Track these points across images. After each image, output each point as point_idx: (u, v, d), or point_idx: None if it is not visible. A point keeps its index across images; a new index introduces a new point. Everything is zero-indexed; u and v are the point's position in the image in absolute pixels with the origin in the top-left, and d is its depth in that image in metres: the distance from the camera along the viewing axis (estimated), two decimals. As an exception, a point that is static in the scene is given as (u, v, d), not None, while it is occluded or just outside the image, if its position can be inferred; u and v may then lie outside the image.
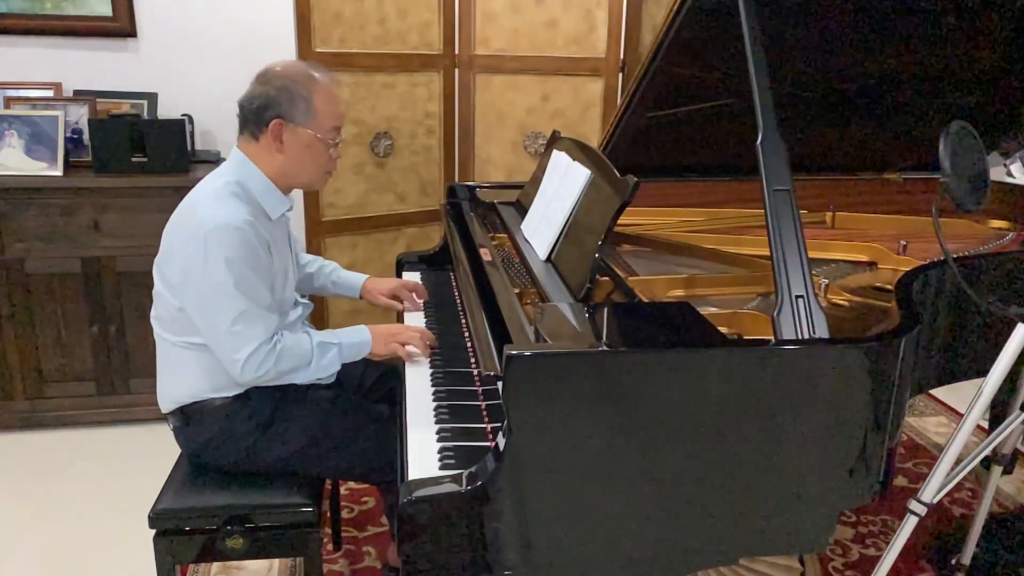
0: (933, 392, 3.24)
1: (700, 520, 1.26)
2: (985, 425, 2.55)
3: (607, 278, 1.63)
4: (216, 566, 2.18)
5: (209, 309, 1.59)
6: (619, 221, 1.55)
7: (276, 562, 2.19)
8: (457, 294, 2.15)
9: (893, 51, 2.00)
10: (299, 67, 1.69)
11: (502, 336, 1.35)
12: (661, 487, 1.23)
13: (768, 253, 1.36)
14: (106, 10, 2.95)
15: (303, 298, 1.93)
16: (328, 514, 2.16)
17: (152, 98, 3.03)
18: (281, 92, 1.63)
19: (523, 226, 1.99)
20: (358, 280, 2.12)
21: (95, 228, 2.74)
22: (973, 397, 1.46)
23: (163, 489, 1.69)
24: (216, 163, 2.70)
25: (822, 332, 1.29)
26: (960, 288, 1.62)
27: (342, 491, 2.40)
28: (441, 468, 1.32)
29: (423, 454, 1.37)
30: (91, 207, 2.72)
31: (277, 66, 1.68)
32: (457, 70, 3.39)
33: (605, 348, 1.23)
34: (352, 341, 1.74)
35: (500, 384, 1.21)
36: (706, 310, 1.45)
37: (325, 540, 2.18)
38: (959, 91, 2.19)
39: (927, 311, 1.65)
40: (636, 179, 1.51)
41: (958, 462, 1.51)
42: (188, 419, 1.72)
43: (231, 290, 1.57)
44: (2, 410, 2.84)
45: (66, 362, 2.85)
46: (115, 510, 2.43)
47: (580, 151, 1.87)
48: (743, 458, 1.24)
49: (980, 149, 1.36)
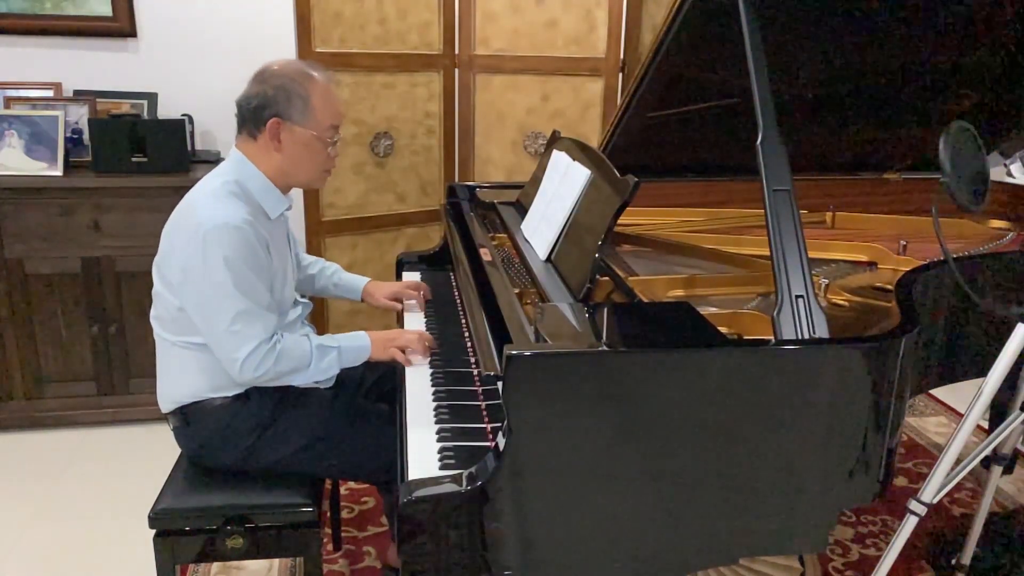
0: (933, 392, 3.23)
1: (700, 520, 1.26)
2: (985, 425, 2.55)
3: (607, 278, 1.62)
4: (216, 566, 2.17)
5: (208, 309, 1.59)
6: (619, 221, 1.55)
7: (276, 562, 2.19)
8: (457, 294, 2.15)
9: (893, 51, 2.00)
10: (296, 66, 1.68)
11: (502, 336, 1.35)
12: (661, 487, 1.23)
13: (768, 253, 1.36)
14: (106, 10, 2.95)
15: (302, 298, 1.93)
16: (328, 514, 2.16)
17: (152, 98, 3.03)
18: (278, 91, 1.63)
19: (523, 226, 1.99)
20: (359, 283, 2.12)
21: (95, 228, 2.74)
22: (973, 397, 1.46)
23: (163, 489, 1.69)
24: (216, 163, 2.67)
25: (822, 332, 1.29)
26: (960, 288, 1.62)
27: (342, 491, 2.40)
28: (441, 468, 1.32)
29: (423, 454, 1.37)
30: (91, 207, 2.72)
31: (274, 65, 1.68)
32: (457, 70, 3.39)
33: (605, 348, 1.23)
34: (351, 346, 1.74)
35: (500, 384, 1.21)
36: (706, 310, 1.45)
37: (325, 540, 2.18)
38: (959, 91, 2.19)
39: (927, 311, 1.65)
40: (636, 179, 1.51)
41: (958, 462, 1.51)
42: (188, 419, 1.72)
43: (230, 289, 1.57)
44: (2, 410, 2.84)
45: (66, 362, 2.85)
46: (115, 510, 2.42)
47: (580, 151, 1.87)
48: (743, 458, 1.24)
49: (980, 149, 1.36)
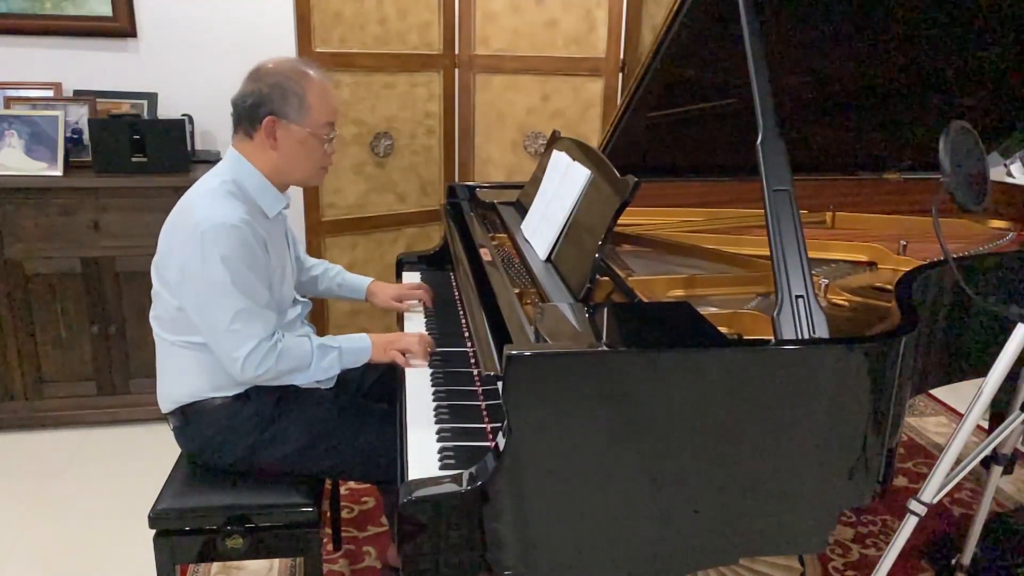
0: (933, 392, 3.23)
1: (700, 520, 1.26)
2: (985, 425, 2.55)
3: (607, 278, 1.62)
4: (216, 566, 2.18)
5: (208, 308, 1.59)
6: (619, 221, 1.55)
7: (276, 562, 2.19)
8: (457, 294, 2.15)
9: (893, 51, 2.00)
10: (291, 63, 1.68)
11: (502, 336, 1.35)
12: (661, 487, 1.23)
13: (768, 253, 1.36)
14: (106, 10, 2.95)
15: (302, 297, 1.93)
16: (328, 514, 2.16)
17: (152, 98, 3.03)
18: (274, 89, 1.63)
19: (523, 226, 1.99)
20: (363, 283, 2.12)
21: (95, 228, 2.74)
22: (973, 397, 1.46)
23: (163, 489, 1.69)
24: (216, 163, 2.69)
25: (822, 332, 1.29)
26: (960, 288, 1.62)
27: (342, 491, 2.40)
28: (441, 468, 1.32)
29: (423, 454, 1.37)
30: (91, 207, 2.72)
31: (269, 63, 1.67)
32: (457, 70, 3.38)
33: (605, 348, 1.23)
34: (352, 347, 1.74)
35: (500, 384, 1.21)
36: (706, 310, 1.45)
37: (325, 540, 2.18)
38: (959, 91, 2.19)
39: (927, 311, 1.65)
40: (636, 179, 1.51)
41: (958, 462, 1.51)
42: (188, 419, 1.72)
43: (229, 288, 1.57)
44: (2, 410, 2.84)
45: (66, 362, 2.85)
46: (115, 510, 2.42)
47: (580, 151, 1.87)
48: (743, 458, 1.24)
49: (980, 149, 1.36)
